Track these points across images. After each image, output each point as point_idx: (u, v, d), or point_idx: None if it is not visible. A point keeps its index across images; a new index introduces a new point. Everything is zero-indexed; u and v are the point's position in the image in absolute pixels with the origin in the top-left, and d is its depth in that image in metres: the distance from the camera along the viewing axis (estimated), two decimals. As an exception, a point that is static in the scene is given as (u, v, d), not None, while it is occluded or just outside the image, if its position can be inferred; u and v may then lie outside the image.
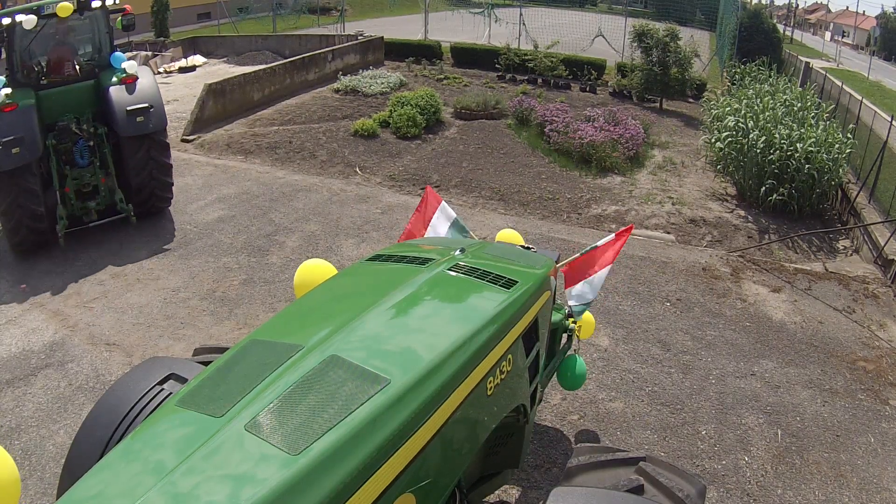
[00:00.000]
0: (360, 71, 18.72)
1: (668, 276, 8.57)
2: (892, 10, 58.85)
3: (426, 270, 3.67)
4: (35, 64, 9.07)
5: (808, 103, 13.90)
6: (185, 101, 16.46)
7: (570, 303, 5.14)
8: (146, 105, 8.90)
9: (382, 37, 22.07)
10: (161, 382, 3.33)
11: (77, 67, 9.33)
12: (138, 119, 8.80)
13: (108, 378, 6.13)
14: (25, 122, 8.14)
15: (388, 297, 3.32)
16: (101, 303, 7.55)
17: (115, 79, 9.06)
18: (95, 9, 9.07)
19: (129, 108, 8.79)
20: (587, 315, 5.31)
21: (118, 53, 9.62)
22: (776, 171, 11.13)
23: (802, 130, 11.62)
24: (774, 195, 11.05)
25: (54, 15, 8.61)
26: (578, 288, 5.10)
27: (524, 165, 12.99)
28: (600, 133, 13.56)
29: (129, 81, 9.10)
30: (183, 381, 3.29)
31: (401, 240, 5.41)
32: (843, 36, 62.22)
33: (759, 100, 13.74)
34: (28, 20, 8.34)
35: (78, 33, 9.59)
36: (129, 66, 9.27)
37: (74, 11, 8.76)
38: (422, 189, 10.95)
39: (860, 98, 14.01)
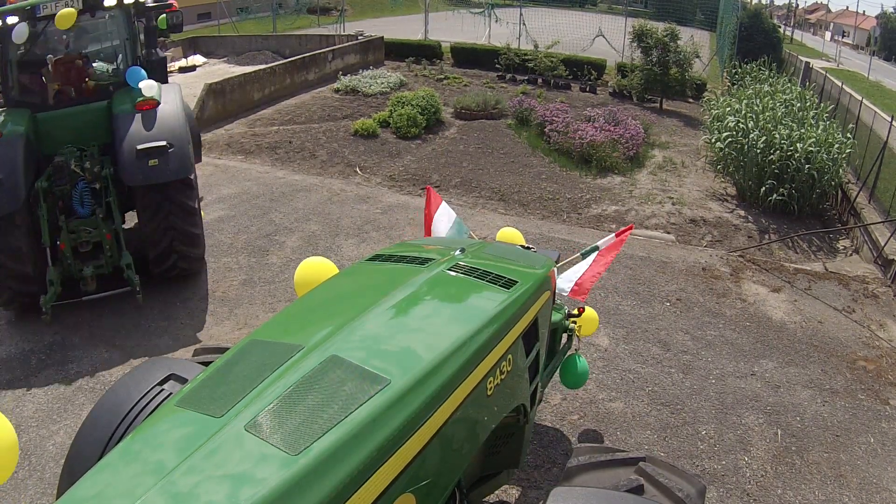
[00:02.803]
0: (360, 71, 18.73)
1: (668, 276, 8.57)
2: (892, 10, 58.89)
3: (426, 270, 3.67)
4: (35, 78, 7.29)
5: (808, 103, 13.91)
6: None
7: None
8: (162, 144, 6.69)
9: (382, 37, 22.07)
10: (161, 383, 3.33)
11: (89, 83, 7.41)
12: (150, 163, 6.62)
13: (108, 378, 6.12)
14: (7, 158, 6.28)
15: (388, 297, 3.32)
16: (100, 303, 7.55)
17: (128, 104, 6.99)
18: (110, 7, 7.14)
19: (139, 147, 6.63)
20: (590, 311, 5.33)
21: (136, 68, 7.42)
22: (776, 171, 11.13)
23: (802, 130, 11.63)
24: (774, 195, 11.05)
25: (53, 16, 6.76)
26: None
27: (524, 165, 12.99)
28: (600, 133, 13.56)
29: (147, 108, 6.93)
30: (183, 381, 3.29)
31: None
32: (844, 36, 62.20)
33: (759, 100, 13.73)
34: (18, 33, 6.49)
35: (91, 38, 7.84)
36: (147, 86, 7.15)
37: (82, 13, 6.90)
38: (422, 189, 10.95)
39: (860, 98, 14.01)
